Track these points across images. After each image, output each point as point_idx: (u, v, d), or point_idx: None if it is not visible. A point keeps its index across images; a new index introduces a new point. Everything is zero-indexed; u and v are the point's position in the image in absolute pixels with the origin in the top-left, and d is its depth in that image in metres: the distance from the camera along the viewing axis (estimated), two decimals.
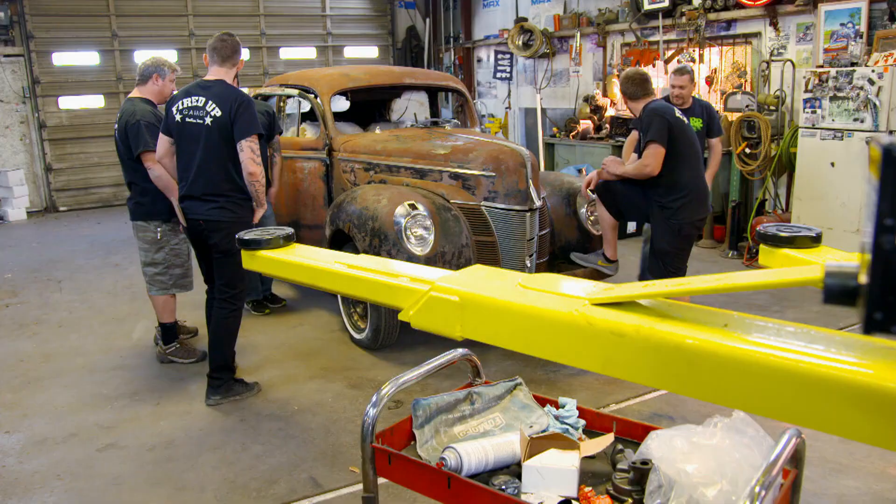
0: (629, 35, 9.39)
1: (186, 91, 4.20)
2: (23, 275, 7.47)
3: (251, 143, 4.06)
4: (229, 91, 4.13)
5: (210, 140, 4.09)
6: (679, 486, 1.44)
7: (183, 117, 4.14)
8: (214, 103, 4.07)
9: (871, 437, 0.94)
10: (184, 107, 4.15)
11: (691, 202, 4.58)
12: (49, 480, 3.57)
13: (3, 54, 10.79)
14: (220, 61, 4.20)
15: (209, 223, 4.15)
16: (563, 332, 1.20)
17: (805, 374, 1.00)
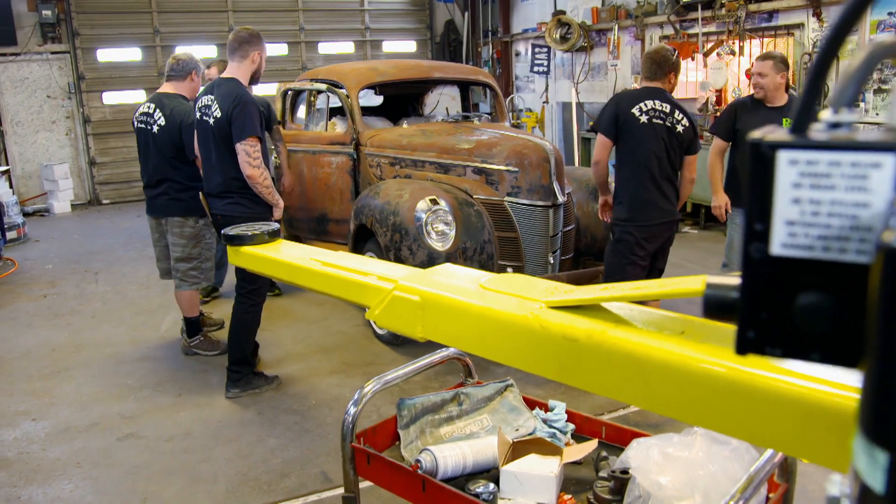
0: (668, 28, 9.19)
1: (207, 88, 4.26)
2: (63, 266, 7.65)
3: (246, 146, 4.02)
4: (231, 91, 4.08)
5: (216, 139, 4.13)
6: (654, 498, 1.37)
7: (201, 115, 4.21)
8: (217, 103, 4.08)
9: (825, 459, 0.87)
10: (201, 104, 4.21)
11: (626, 207, 4.23)
12: (69, 468, 3.64)
13: (49, 51, 11.06)
14: (230, 56, 4.22)
15: (225, 218, 4.12)
16: (517, 335, 1.15)
17: (760, 388, 0.93)
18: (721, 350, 0.98)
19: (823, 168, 0.44)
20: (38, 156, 11.32)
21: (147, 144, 4.88)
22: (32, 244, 8.87)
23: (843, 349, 0.45)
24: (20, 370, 4.90)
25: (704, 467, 1.35)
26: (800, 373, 0.89)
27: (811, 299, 0.45)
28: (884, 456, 0.45)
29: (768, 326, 0.47)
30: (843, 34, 0.44)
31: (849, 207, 0.44)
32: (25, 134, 11.24)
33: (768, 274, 0.46)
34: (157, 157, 4.83)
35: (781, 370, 0.90)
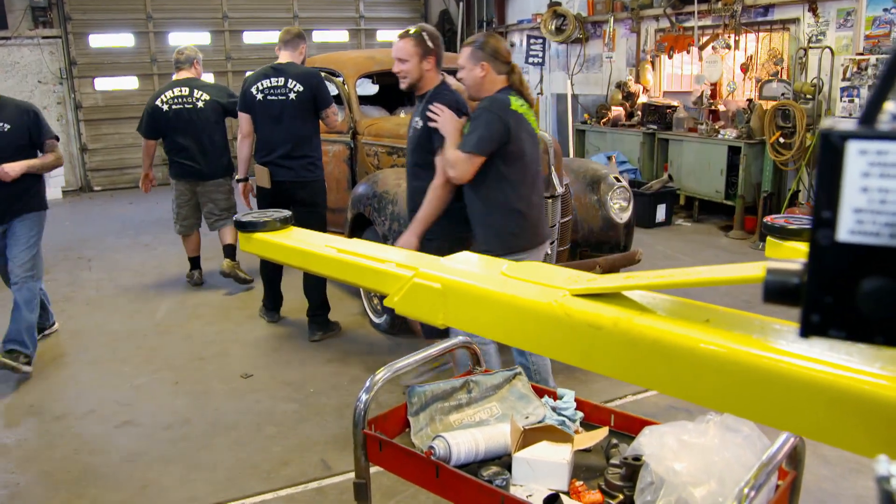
0: (664, 20, 9.20)
1: (264, 72, 4.97)
2: (54, 253, 7.61)
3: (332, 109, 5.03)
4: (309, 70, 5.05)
5: (295, 111, 4.89)
6: (668, 484, 1.40)
7: (265, 95, 4.89)
8: (296, 82, 4.88)
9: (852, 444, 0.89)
10: (265, 86, 4.91)
11: None
12: (67, 455, 3.64)
13: (41, 36, 10.96)
14: (285, 46, 5.05)
15: (295, 183, 4.94)
16: (541, 322, 1.16)
17: (784, 374, 0.95)
18: (746, 338, 1.00)
19: (893, 158, 0.46)
20: None
21: (191, 122, 5.90)
22: None
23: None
24: None
25: (719, 454, 1.38)
26: (825, 360, 0.91)
27: (876, 284, 0.47)
28: None
29: (833, 310, 0.49)
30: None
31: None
32: None
33: (834, 260, 0.48)
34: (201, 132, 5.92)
35: (807, 357, 0.92)
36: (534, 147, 3.40)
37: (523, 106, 3.32)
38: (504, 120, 3.23)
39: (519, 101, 3.31)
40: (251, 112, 4.97)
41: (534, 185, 3.44)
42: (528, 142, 3.33)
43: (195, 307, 5.78)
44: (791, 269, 0.53)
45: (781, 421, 0.99)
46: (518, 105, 3.29)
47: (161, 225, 8.81)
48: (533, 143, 3.39)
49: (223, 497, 3.25)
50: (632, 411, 2.16)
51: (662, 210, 8.16)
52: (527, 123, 3.33)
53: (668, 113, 8.74)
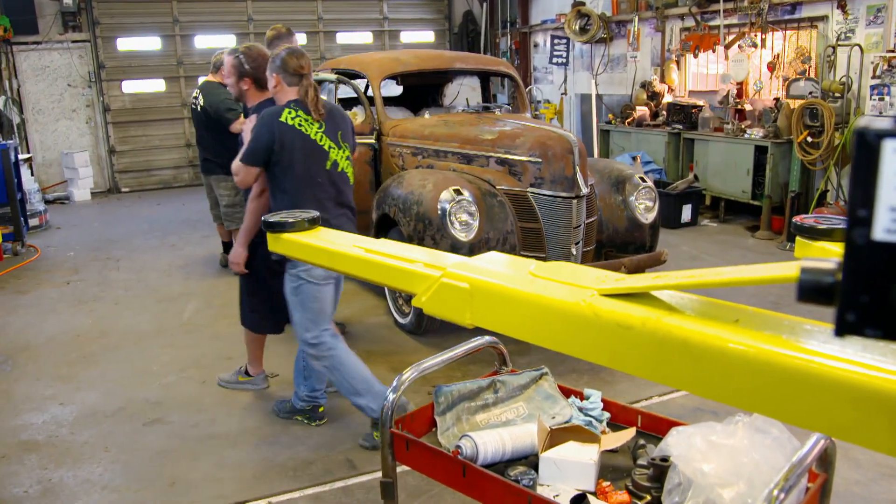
0: (689, 19, 9.13)
1: None
2: (84, 253, 7.73)
3: None
4: None
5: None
6: (697, 485, 1.39)
7: None
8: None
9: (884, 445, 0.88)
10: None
11: None
12: (97, 452, 3.70)
13: (70, 40, 11.13)
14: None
15: None
16: (569, 322, 1.16)
17: (815, 374, 0.94)
18: (776, 338, 1.00)
19: None
20: (58, 144, 11.41)
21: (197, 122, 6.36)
22: (54, 231, 8.96)
23: None
24: (46, 355, 4.97)
25: (748, 455, 1.37)
26: (856, 360, 0.90)
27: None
28: None
29: (869, 309, 0.48)
30: None
31: None
32: (46, 122, 11.33)
33: (870, 258, 0.48)
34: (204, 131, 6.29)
35: (838, 357, 0.91)
36: (310, 156, 3.45)
37: (297, 118, 3.40)
38: (271, 131, 3.35)
39: (295, 112, 3.40)
40: None
41: (311, 192, 3.45)
42: (300, 151, 3.40)
43: (222, 307, 5.84)
44: (825, 267, 0.53)
45: (812, 422, 0.98)
46: (290, 117, 3.38)
47: (188, 226, 8.92)
48: (310, 151, 3.45)
49: (250, 495, 3.28)
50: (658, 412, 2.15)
51: (688, 210, 8.10)
52: (301, 134, 3.40)
53: (694, 112, 8.67)
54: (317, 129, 3.45)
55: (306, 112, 3.43)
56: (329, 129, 3.50)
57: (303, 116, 3.41)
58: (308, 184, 3.45)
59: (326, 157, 3.49)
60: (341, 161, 3.56)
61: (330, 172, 3.51)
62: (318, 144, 3.46)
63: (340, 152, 3.56)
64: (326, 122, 3.49)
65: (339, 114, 3.67)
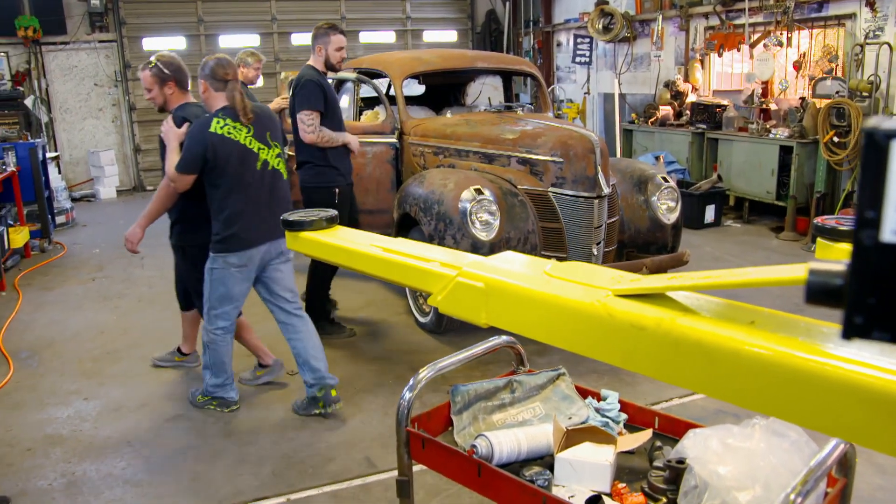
0: (713, 18, 9.05)
1: None
2: (110, 250, 7.83)
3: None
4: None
5: None
6: (712, 488, 1.38)
7: None
8: None
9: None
10: None
11: None
12: (120, 446, 3.75)
13: (97, 40, 11.28)
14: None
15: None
16: (584, 322, 1.16)
17: (830, 377, 0.93)
18: (791, 340, 0.99)
19: None
20: (85, 142, 11.57)
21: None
22: (80, 228, 9.08)
23: None
24: (71, 351, 5.04)
25: (765, 458, 1.35)
26: (872, 363, 0.89)
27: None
28: None
29: (876, 312, 0.48)
30: None
31: None
32: (73, 121, 11.49)
33: (878, 260, 0.47)
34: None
35: (854, 360, 0.90)
36: (241, 160, 3.69)
37: (226, 126, 3.62)
38: (202, 143, 3.59)
39: (223, 122, 3.62)
40: None
41: (245, 194, 3.73)
42: (231, 156, 3.65)
43: (245, 305, 5.87)
44: (834, 269, 0.53)
45: (826, 425, 0.97)
46: (219, 126, 3.61)
47: None
48: (241, 155, 3.69)
49: (269, 492, 3.31)
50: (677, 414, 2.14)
51: (711, 211, 8.03)
52: (231, 141, 3.63)
53: (718, 112, 8.59)
54: (245, 134, 3.70)
55: (234, 118, 3.65)
56: (257, 132, 3.75)
57: (231, 124, 3.64)
58: (238, 182, 3.72)
59: (256, 158, 3.76)
60: (272, 160, 3.84)
61: (261, 172, 3.78)
62: (247, 148, 3.71)
63: (270, 151, 3.83)
64: (254, 124, 3.73)
65: (267, 115, 3.92)
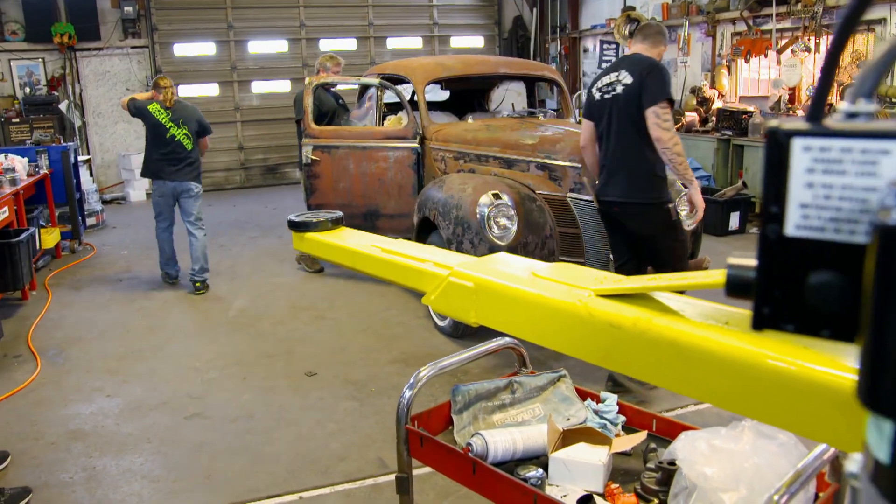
0: (740, 24, 8.98)
1: (607, 69, 4.21)
2: (138, 252, 7.98)
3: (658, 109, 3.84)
4: (643, 58, 4.00)
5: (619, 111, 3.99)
6: (700, 489, 1.39)
7: (601, 94, 4.07)
8: (627, 72, 3.95)
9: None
10: (602, 84, 4.09)
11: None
12: (140, 443, 3.82)
13: (130, 46, 11.51)
14: (641, 39, 4.14)
15: (624, 205, 4.04)
16: (566, 322, 1.18)
17: (802, 378, 0.94)
18: (764, 340, 1.00)
19: (835, 154, 0.47)
20: (116, 146, 11.79)
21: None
22: (110, 230, 9.27)
23: (850, 327, 0.48)
24: (97, 349, 5.15)
25: (750, 460, 1.36)
26: (846, 365, 0.90)
27: (822, 278, 0.48)
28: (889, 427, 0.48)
29: (782, 303, 0.50)
30: (848, 33, 0.47)
31: (859, 192, 0.47)
32: (105, 125, 11.72)
33: (782, 254, 0.49)
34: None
35: (827, 362, 0.91)
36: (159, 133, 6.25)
37: (161, 112, 6.24)
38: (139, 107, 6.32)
39: (158, 108, 6.24)
40: (591, 117, 4.22)
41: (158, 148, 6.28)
42: (154, 126, 6.24)
43: (266, 306, 5.97)
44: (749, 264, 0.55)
45: (797, 425, 0.98)
46: (155, 108, 6.25)
47: (237, 227, 9.12)
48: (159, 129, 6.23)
49: (283, 489, 3.36)
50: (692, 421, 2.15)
51: (736, 218, 7.96)
52: (154, 118, 6.23)
53: (744, 118, 8.52)
54: (165, 116, 6.23)
55: (163, 107, 6.24)
56: (173, 117, 6.23)
57: (158, 108, 6.23)
58: (156, 140, 6.25)
59: (167, 131, 6.21)
60: (179, 135, 6.22)
61: (168, 139, 6.20)
62: (162, 123, 6.22)
63: (178, 130, 6.23)
64: (173, 111, 6.24)
65: (187, 109, 6.43)
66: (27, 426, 4.03)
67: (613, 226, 4.22)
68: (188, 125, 6.28)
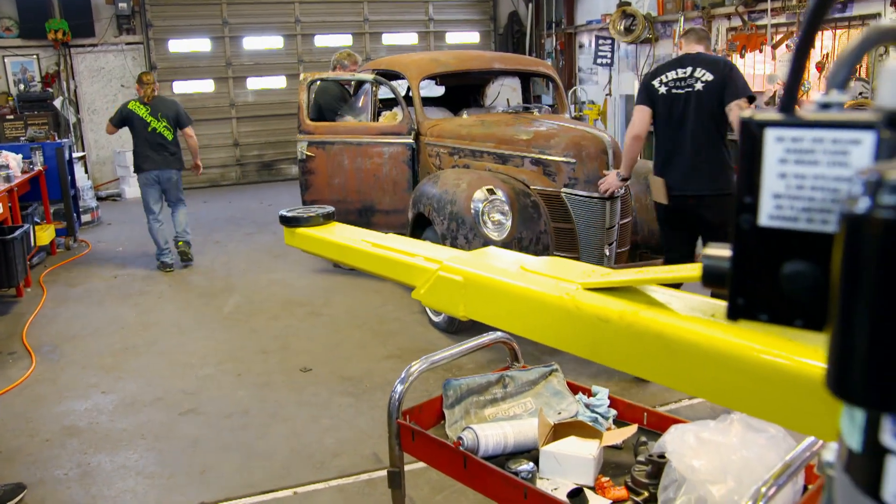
0: (735, 19, 8.99)
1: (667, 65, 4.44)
2: (132, 248, 7.98)
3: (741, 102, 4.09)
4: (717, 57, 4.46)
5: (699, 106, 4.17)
6: (689, 482, 1.40)
7: (668, 89, 4.24)
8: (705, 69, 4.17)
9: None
10: (668, 79, 4.27)
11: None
12: (134, 439, 3.83)
13: (125, 42, 11.48)
14: (698, 41, 4.41)
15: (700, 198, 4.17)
16: (553, 315, 1.19)
17: (785, 371, 0.95)
18: (750, 332, 1.01)
19: (807, 145, 0.47)
20: (111, 143, 11.74)
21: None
22: (105, 227, 9.26)
23: (823, 316, 0.48)
24: (92, 345, 5.15)
25: (738, 452, 1.37)
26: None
27: (795, 268, 0.48)
28: (860, 415, 0.49)
29: (756, 293, 0.50)
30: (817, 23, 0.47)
31: (831, 181, 0.47)
32: (101, 122, 11.65)
33: (756, 244, 0.49)
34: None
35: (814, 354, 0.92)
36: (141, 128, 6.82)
37: (141, 107, 6.82)
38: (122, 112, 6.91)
39: (138, 104, 6.83)
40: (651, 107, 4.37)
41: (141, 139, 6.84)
42: (135, 124, 6.82)
43: (261, 302, 5.97)
44: (724, 254, 0.55)
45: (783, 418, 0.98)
46: (134, 105, 6.86)
47: (232, 223, 9.11)
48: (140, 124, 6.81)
49: (277, 485, 3.36)
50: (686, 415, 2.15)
51: None
52: (135, 114, 6.81)
53: None
54: (144, 112, 6.79)
55: (142, 102, 6.80)
56: (153, 111, 6.78)
57: (138, 104, 6.82)
58: (139, 135, 6.79)
59: (148, 125, 6.76)
60: (159, 127, 6.78)
61: (150, 132, 6.76)
62: (144, 118, 6.78)
63: (158, 122, 6.77)
64: (152, 106, 6.80)
65: (166, 103, 7.06)
66: (22, 423, 4.02)
67: (680, 219, 4.33)
68: (167, 117, 6.78)
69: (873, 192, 0.38)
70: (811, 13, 0.49)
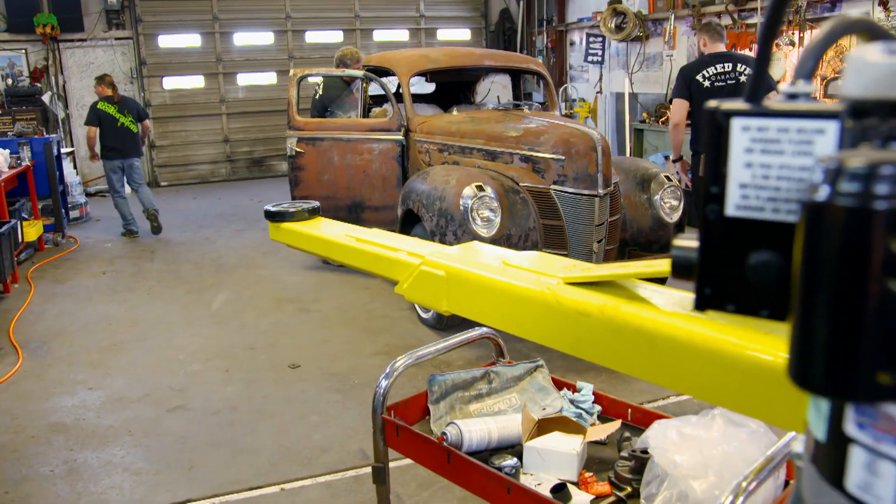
0: (725, 17, 9.00)
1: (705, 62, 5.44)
2: (121, 244, 7.94)
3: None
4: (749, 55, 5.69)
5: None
6: (671, 477, 1.40)
7: (712, 83, 5.11)
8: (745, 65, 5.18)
9: None
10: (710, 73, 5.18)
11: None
12: (121, 435, 3.81)
13: (114, 37, 11.41)
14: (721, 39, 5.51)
15: None
16: (535, 310, 1.19)
17: (760, 365, 0.95)
18: (727, 327, 1.01)
19: (773, 134, 0.47)
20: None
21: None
22: (94, 223, 9.21)
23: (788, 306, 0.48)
24: (79, 342, 5.12)
25: (720, 447, 1.37)
26: None
27: (761, 258, 0.48)
28: (826, 406, 0.49)
29: (723, 283, 0.50)
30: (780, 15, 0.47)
31: (796, 171, 0.47)
32: None
33: (723, 234, 0.49)
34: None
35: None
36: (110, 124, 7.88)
37: (110, 106, 7.84)
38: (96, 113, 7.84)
39: (106, 104, 7.83)
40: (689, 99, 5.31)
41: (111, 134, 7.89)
42: (105, 120, 7.84)
43: (250, 298, 5.95)
44: (693, 245, 0.55)
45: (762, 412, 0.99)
46: (103, 105, 7.86)
47: (222, 220, 9.09)
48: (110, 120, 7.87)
49: (264, 481, 3.36)
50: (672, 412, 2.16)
51: None
52: (106, 113, 7.82)
53: None
54: (113, 109, 7.81)
55: (110, 101, 7.80)
56: (120, 109, 7.81)
57: (107, 104, 7.80)
58: (108, 129, 7.80)
59: (117, 121, 7.79)
60: (126, 122, 7.86)
61: (119, 127, 7.82)
62: (113, 115, 7.78)
63: (125, 118, 7.85)
64: (119, 104, 7.86)
65: (128, 101, 8.16)
66: (8, 419, 4.00)
67: None
68: (131, 113, 8.02)
69: (833, 179, 0.38)
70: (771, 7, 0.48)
